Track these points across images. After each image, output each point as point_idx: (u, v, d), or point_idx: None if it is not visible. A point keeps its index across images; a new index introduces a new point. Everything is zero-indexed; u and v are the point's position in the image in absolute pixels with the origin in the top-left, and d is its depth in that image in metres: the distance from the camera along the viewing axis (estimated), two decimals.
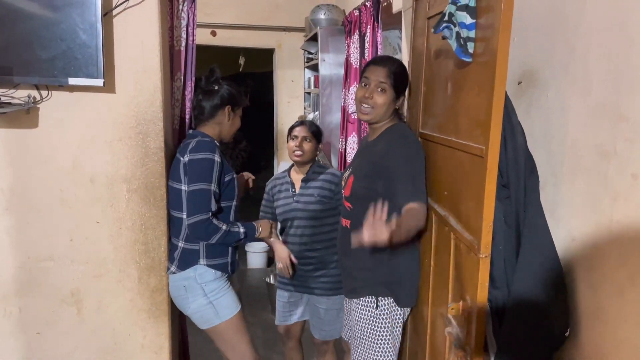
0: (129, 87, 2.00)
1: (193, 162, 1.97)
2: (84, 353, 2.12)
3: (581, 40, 1.34)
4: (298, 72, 5.04)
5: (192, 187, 1.96)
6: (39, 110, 1.95)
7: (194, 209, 1.95)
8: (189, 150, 2.00)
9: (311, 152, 2.45)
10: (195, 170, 1.97)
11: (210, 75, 2.16)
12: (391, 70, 1.88)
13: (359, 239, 1.56)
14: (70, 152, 2.00)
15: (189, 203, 1.97)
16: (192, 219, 1.95)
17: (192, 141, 2.03)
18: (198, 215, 1.95)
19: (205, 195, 1.97)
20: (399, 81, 1.90)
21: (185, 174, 2.00)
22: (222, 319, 2.09)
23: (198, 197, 1.96)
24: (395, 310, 1.91)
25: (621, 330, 1.18)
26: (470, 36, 1.39)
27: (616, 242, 1.21)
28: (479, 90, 1.41)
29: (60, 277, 2.06)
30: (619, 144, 1.19)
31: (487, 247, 1.34)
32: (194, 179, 1.96)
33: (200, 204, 1.96)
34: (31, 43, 1.80)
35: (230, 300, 2.12)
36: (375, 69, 1.90)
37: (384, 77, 1.87)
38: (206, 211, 1.96)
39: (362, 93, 1.90)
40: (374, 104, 1.88)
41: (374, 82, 1.88)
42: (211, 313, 2.08)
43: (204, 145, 2.01)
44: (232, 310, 2.11)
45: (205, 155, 1.98)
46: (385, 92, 1.87)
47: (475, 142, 1.41)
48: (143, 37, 1.97)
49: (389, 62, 1.92)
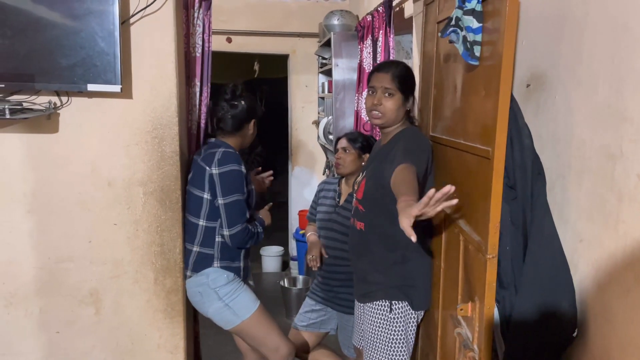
0: (145, 92, 2.05)
1: (223, 175, 2.06)
2: (102, 352, 2.17)
3: (586, 43, 1.35)
4: (312, 77, 5.08)
5: (228, 200, 2.06)
6: (59, 115, 2.02)
7: (233, 221, 2.07)
8: (217, 163, 2.07)
9: (352, 162, 2.38)
10: (228, 182, 2.07)
11: (235, 87, 2.23)
12: (395, 74, 1.89)
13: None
14: (89, 156, 2.06)
15: (228, 215, 2.07)
16: (233, 230, 2.07)
17: (217, 152, 2.10)
18: (238, 225, 2.08)
19: (241, 205, 2.09)
20: (405, 83, 1.92)
21: (214, 185, 2.07)
22: (242, 317, 2.14)
23: (236, 209, 2.08)
24: (409, 313, 1.91)
25: (627, 330, 1.19)
26: (477, 40, 1.42)
27: (623, 242, 1.21)
28: (485, 93, 1.43)
29: (79, 277, 2.12)
30: (624, 145, 1.20)
31: (494, 247, 1.36)
32: (228, 191, 2.07)
33: (238, 215, 2.08)
34: (52, 51, 1.87)
35: (247, 299, 2.17)
36: (379, 76, 1.92)
37: (388, 83, 1.88)
38: (243, 221, 2.09)
39: (371, 101, 1.92)
40: (383, 110, 1.89)
41: (379, 89, 1.90)
42: (229, 314, 2.13)
43: (231, 157, 2.10)
44: (250, 308, 2.16)
45: (234, 167, 2.08)
46: (393, 96, 1.89)
47: (482, 144, 1.43)
48: (159, 44, 2.02)
49: (392, 66, 1.94)
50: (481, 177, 1.43)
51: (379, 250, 1.92)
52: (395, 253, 1.89)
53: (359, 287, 2.05)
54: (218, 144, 2.17)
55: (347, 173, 2.40)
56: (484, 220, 1.39)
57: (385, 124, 1.93)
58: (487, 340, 1.40)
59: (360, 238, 1.99)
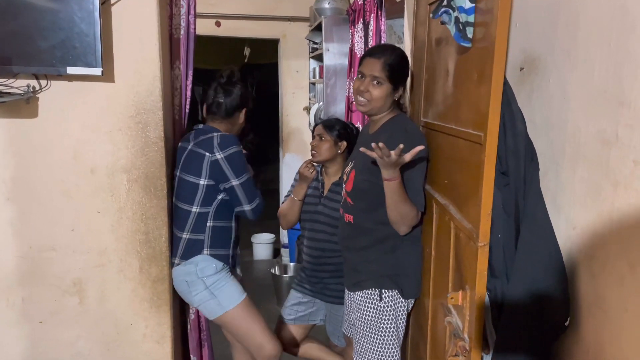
0: (128, 76, 1.99)
1: (230, 158, 2.07)
2: (87, 342, 2.13)
3: (583, 25, 1.31)
4: (303, 62, 5.00)
5: (242, 179, 2.11)
6: (39, 100, 1.95)
7: (252, 195, 2.14)
8: (219, 147, 2.05)
9: (327, 150, 2.29)
10: (236, 164, 2.09)
11: (232, 74, 2.21)
12: (387, 62, 1.82)
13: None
14: (71, 142, 2.01)
15: (247, 192, 2.13)
16: (254, 203, 2.15)
17: (215, 137, 2.07)
18: (256, 198, 2.16)
19: (252, 181, 2.18)
20: (396, 72, 1.84)
21: (218, 170, 2.06)
22: (226, 308, 2.10)
23: (251, 184, 2.15)
24: (399, 302, 1.89)
25: (621, 319, 1.16)
26: (470, 21, 1.37)
27: (617, 230, 1.18)
28: (478, 76, 1.38)
29: (62, 267, 2.07)
30: (620, 131, 1.16)
31: (486, 235, 1.32)
32: (240, 171, 2.11)
33: (254, 189, 2.16)
34: (30, 33, 1.80)
35: (232, 290, 2.13)
36: (370, 61, 1.85)
37: (378, 71, 1.81)
38: (259, 194, 2.19)
39: (358, 85, 1.87)
40: (369, 98, 1.84)
41: (369, 76, 1.83)
42: (214, 304, 2.09)
43: (230, 140, 2.11)
44: (235, 300, 2.12)
45: (236, 148, 2.10)
46: (381, 85, 1.82)
47: (474, 129, 1.39)
48: (141, 26, 1.96)
49: (385, 53, 1.85)
50: (473, 163, 1.39)
51: (368, 242, 1.89)
52: (386, 243, 1.86)
53: (349, 277, 2.03)
54: (210, 130, 2.13)
55: (322, 160, 2.32)
56: (475, 208, 1.35)
57: (371, 112, 1.88)
58: (478, 329, 1.37)
59: (349, 230, 1.95)
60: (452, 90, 1.64)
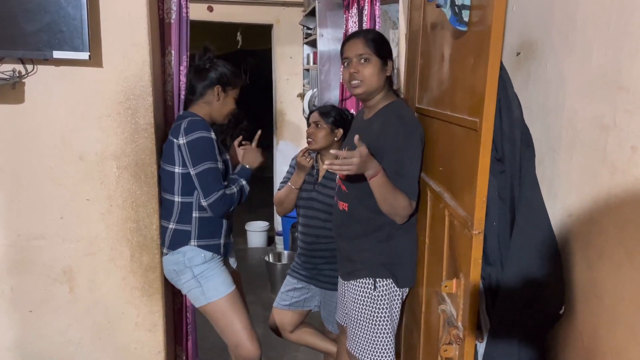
0: (116, 61, 1.94)
1: (190, 143, 1.95)
2: (78, 331, 2.11)
3: (581, 7, 1.28)
4: (297, 48, 4.94)
5: (199, 169, 1.96)
6: (25, 85, 1.91)
7: (208, 189, 1.97)
8: (183, 132, 1.97)
9: (323, 138, 2.28)
10: (197, 151, 1.96)
11: (203, 53, 2.12)
12: (367, 38, 1.81)
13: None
14: (58, 128, 1.96)
15: (202, 185, 1.97)
16: (210, 199, 1.97)
17: (183, 122, 2.00)
18: (214, 194, 1.97)
19: (214, 172, 1.98)
20: (380, 46, 1.82)
21: (184, 156, 1.97)
22: (209, 300, 2.07)
23: (209, 177, 1.97)
24: (394, 291, 1.87)
25: (617, 307, 1.15)
26: (466, 4, 1.34)
27: (614, 217, 1.16)
28: (474, 61, 1.35)
29: (51, 255, 2.04)
30: (618, 116, 1.14)
31: (481, 223, 1.30)
32: (198, 160, 1.96)
33: (212, 183, 1.97)
34: (14, 15, 1.75)
35: (218, 282, 2.08)
36: (350, 44, 1.83)
37: (362, 49, 1.80)
38: (219, 188, 1.98)
39: (347, 71, 1.84)
40: (362, 77, 1.81)
41: (354, 57, 1.81)
42: (198, 292, 2.07)
43: (197, 125, 1.98)
44: (219, 293, 2.07)
45: (201, 134, 1.96)
46: (370, 61, 1.80)
47: (469, 115, 1.36)
48: (130, 9, 1.91)
49: (361, 33, 1.86)
50: (468, 150, 1.37)
51: (363, 230, 1.87)
52: (380, 232, 1.84)
53: (343, 266, 2.00)
54: (185, 115, 2.07)
55: (319, 148, 2.31)
56: (470, 195, 1.33)
57: (368, 91, 1.84)
58: (472, 317, 1.36)
59: (344, 218, 1.93)
60: (448, 76, 1.61)
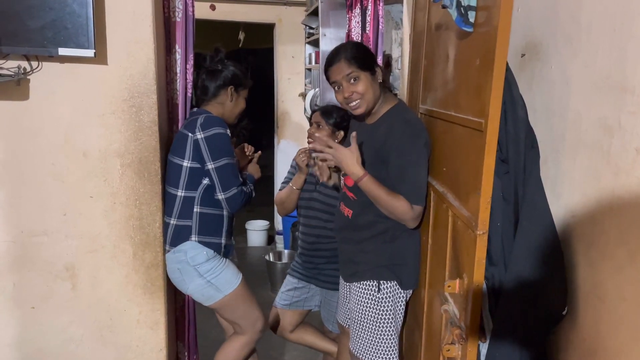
0: (121, 58, 1.95)
1: (209, 139, 1.99)
2: (79, 328, 2.11)
3: (586, 10, 1.29)
4: (299, 47, 4.94)
5: (219, 163, 2.00)
6: (30, 82, 1.91)
7: (228, 184, 2.01)
8: (200, 127, 1.99)
9: None
10: (216, 146, 1.99)
11: (215, 54, 2.15)
12: (347, 57, 1.78)
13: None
14: (62, 125, 1.96)
15: (222, 178, 2.01)
16: (228, 193, 2.01)
17: (200, 117, 2.02)
18: (233, 188, 2.02)
19: (233, 168, 2.03)
20: (363, 60, 1.80)
21: (199, 151, 1.99)
22: (225, 292, 2.10)
23: (228, 172, 2.02)
24: (398, 293, 1.87)
25: (619, 308, 1.16)
26: (472, 4, 1.34)
27: (617, 218, 1.17)
28: (479, 61, 1.36)
29: (54, 252, 2.04)
30: (623, 118, 1.15)
31: (485, 224, 1.31)
32: (218, 154, 2.00)
33: (231, 177, 2.02)
34: (19, 12, 1.75)
35: (230, 274, 2.12)
36: (334, 69, 1.81)
37: (347, 69, 1.78)
38: (237, 183, 2.03)
39: (341, 95, 1.83)
40: (359, 96, 1.80)
41: (343, 79, 1.80)
42: (212, 290, 2.08)
43: (214, 121, 2.02)
44: (233, 283, 2.11)
45: (218, 130, 2.01)
46: (359, 79, 1.79)
47: (474, 116, 1.37)
48: (134, 7, 1.91)
49: (339, 52, 1.82)
50: (473, 151, 1.37)
51: (368, 235, 1.87)
52: (385, 234, 1.84)
53: (345, 267, 1.99)
54: (200, 112, 2.09)
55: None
56: (474, 196, 1.33)
57: (369, 107, 1.83)
58: (475, 317, 1.36)
59: (347, 223, 1.93)
60: (452, 77, 1.62)
